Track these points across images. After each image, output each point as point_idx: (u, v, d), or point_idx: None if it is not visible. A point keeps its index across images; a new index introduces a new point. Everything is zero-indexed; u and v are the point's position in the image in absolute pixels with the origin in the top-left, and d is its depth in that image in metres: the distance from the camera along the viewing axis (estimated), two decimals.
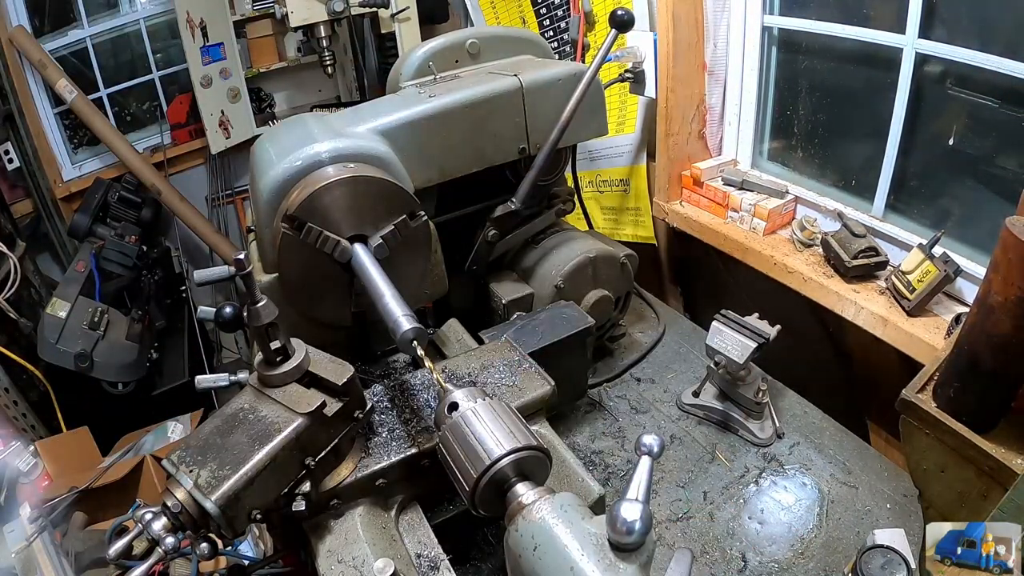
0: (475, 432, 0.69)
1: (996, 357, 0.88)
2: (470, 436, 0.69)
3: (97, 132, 3.12)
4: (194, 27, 3.04)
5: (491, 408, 0.72)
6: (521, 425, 0.71)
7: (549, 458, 0.70)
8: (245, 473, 0.75)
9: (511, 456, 0.66)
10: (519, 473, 0.67)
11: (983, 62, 1.38)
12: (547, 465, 0.70)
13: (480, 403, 0.73)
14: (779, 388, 1.56)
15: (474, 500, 0.66)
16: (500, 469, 0.65)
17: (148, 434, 2.29)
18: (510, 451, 0.66)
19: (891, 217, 1.71)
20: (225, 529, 0.74)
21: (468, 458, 0.67)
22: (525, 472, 0.68)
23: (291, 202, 1.13)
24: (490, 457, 0.66)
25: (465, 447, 0.68)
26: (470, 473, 0.66)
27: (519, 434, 0.68)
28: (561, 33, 2.40)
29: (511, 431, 0.69)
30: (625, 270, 1.60)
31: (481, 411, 0.71)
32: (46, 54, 2.98)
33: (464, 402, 0.74)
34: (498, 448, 0.66)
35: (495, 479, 0.66)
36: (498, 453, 0.66)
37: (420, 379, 1.06)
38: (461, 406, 0.73)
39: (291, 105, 3.75)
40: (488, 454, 0.66)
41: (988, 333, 0.87)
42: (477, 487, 0.66)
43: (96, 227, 3.05)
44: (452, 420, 0.72)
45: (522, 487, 0.66)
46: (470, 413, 0.71)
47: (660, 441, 0.62)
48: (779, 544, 1.22)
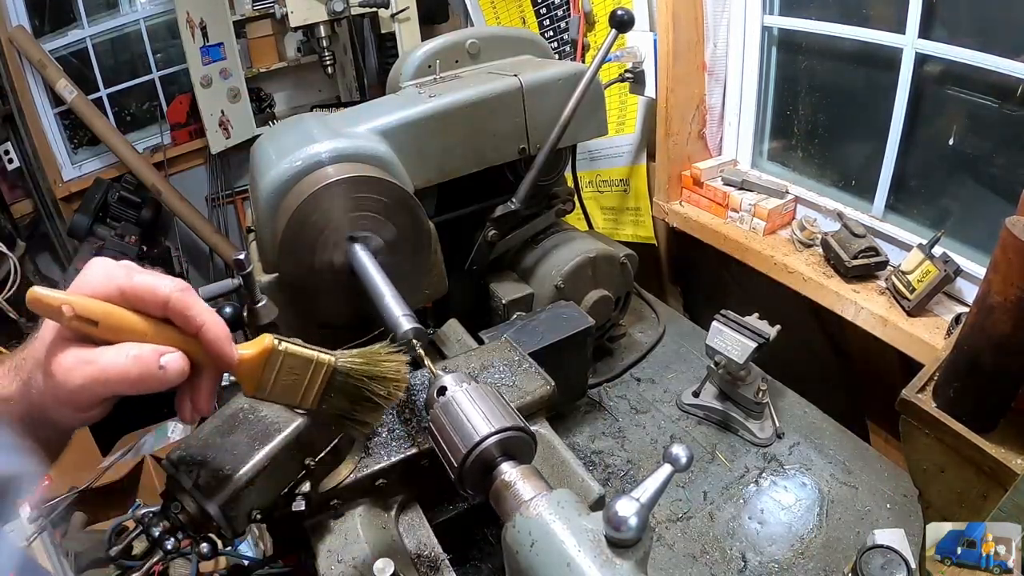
0: (464, 412, 0.71)
1: (996, 357, 0.88)
2: (459, 415, 0.71)
3: (97, 132, 3.12)
4: (194, 27, 3.04)
5: (478, 390, 0.74)
6: (508, 407, 0.73)
7: (534, 439, 0.72)
8: (245, 473, 0.75)
9: (497, 435, 0.68)
10: (504, 452, 0.69)
11: (983, 62, 1.38)
12: (532, 446, 0.71)
13: (467, 386, 0.75)
14: (779, 388, 1.56)
15: (461, 477, 0.68)
16: (487, 448, 0.68)
17: (148, 434, 2.30)
18: (497, 430, 0.68)
19: (891, 217, 1.71)
20: (225, 529, 0.74)
21: (457, 436, 0.69)
22: (510, 452, 0.69)
23: (291, 202, 1.14)
24: (479, 434, 0.68)
25: (455, 425, 0.70)
26: (459, 450, 0.68)
27: (505, 415, 0.70)
28: (561, 33, 2.40)
29: (498, 412, 0.71)
30: (625, 270, 1.60)
31: (469, 393, 0.73)
32: (46, 54, 2.98)
33: (452, 385, 0.75)
34: (486, 426, 0.69)
35: (481, 457, 0.68)
36: (485, 431, 0.68)
37: (420, 379, 1.06)
38: (449, 389, 0.75)
39: (291, 105, 3.75)
40: (476, 432, 0.68)
41: (988, 333, 0.87)
42: (465, 464, 0.68)
43: (96, 227, 3.05)
44: (441, 402, 0.74)
45: (506, 466, 0.68)
46: (459, 395, 0.73)
47: (689, 454, 0.62)
48: (779, 544, 1.22)
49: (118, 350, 0.52)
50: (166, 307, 0.55)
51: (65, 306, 0.51)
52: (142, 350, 0.53)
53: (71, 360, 0.52)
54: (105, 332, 0.53)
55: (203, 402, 0.59)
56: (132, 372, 0.52)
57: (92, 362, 0.52)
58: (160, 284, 0.55)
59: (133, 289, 0.54)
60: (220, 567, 1.42)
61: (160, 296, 0.54)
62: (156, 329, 0.55)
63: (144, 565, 0.75)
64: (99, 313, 0.52)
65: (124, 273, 0.55)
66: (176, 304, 0.55)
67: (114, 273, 0.55)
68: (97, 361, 0.52)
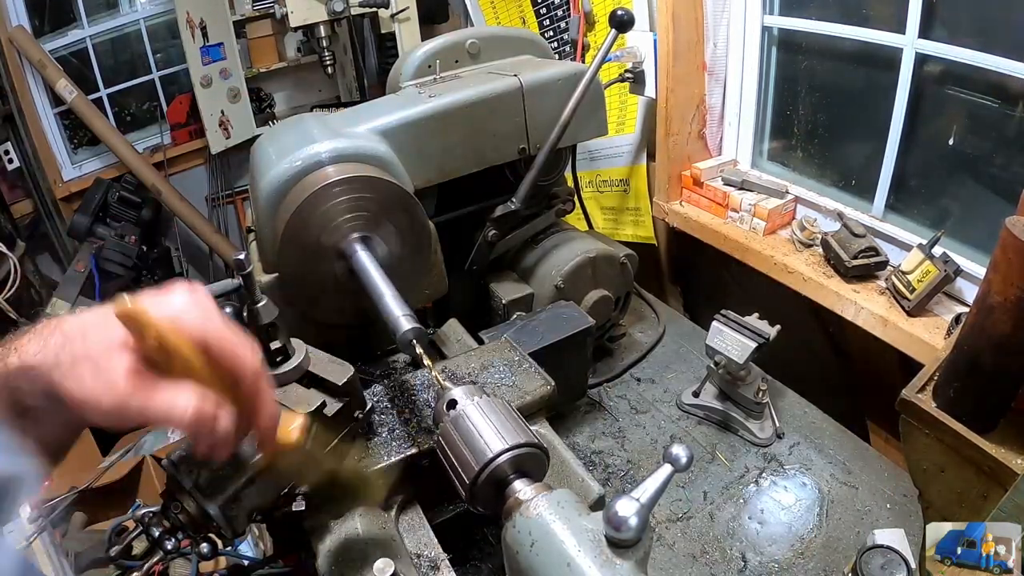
0: (476, 427, 0.69)
1: (996, 357, 0.88)
2: (471, 431, 0.69)
3: (97, 132, 3.12)
4: (194, 27, 3.04)
5: (490, 404, 0.73)
6: (520, 422, 0.71)
7: (547, 456, 0.70)
8: (245, 473, 0.75)
9: (511, 452, 0.66)
10: (517, 470, 0.67)
11: (983, 62, 1.38)
12: (545, 463, 0.70)
13: (478, 400, 0.73)
14: (779, 388, 1.56)
15: (473, 495, 0.67)
16: (499, 465, 0.66)
17: (148, 434, 2.29)
18: (511, 447, 0.67)
19: (891, 217, 1.71)
20: (225, 529, 0.74)
21: (468, 452, 0.68)
22: (523, 469, 0.68)
23: (291, 202, 1.14)
24: (491, 451, 0.66)
25: (466, 441, 0.69)
26: (471, 467, 0.67)
27: (519, 431, 0.69)
28: (561, 33, 2.40)
29: (511, 428, 0.69)
30: (625, 270, 1.60)
31: (481, 407, 0.72)
32: (46, 54, 2.98)
33: (463, 399, 0.74)
34: (499, 443, 0.67)
35: (494, 474, 0.66)
36: (499, 447, 0.66)
37: (420, 379, 1.06)
38: (460, 403, 0.74)
39: (291, 105, 3.75)
40: (489, 448, 0.67)
41: (988, 333, 0.87)
42: (476, 482, 0.66)
43: (96, 227, 3.05)
44: (451, 416, 0.72)
45: (520, 483, 0.66)
46: (470, 409, 0.72)
47: (689, 454, 0.61)
48: (779, 544, 1.22)
49: (182, 394, 0.51)
50: (237, 380, 0.55)
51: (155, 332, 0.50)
52: (204, 407, 0.52)
53: (139, 381, 0.51)
54: (173, 368, 0.52)
55: (225, 453, 0.58)
56: (189, 420, 0.51)
57: (159, 394, 0.51)
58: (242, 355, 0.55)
59: (219, 348, 0.53)
60: (220, 567, 1.42)
61: (237, 370, 0.55)
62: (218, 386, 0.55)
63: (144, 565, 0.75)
64: (179, 352, 0.52)
65: (213, 325, 0.54)
66: (249, 388, 0.56)
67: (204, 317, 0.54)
68: (164, 396, 0.51)
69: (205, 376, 0.53)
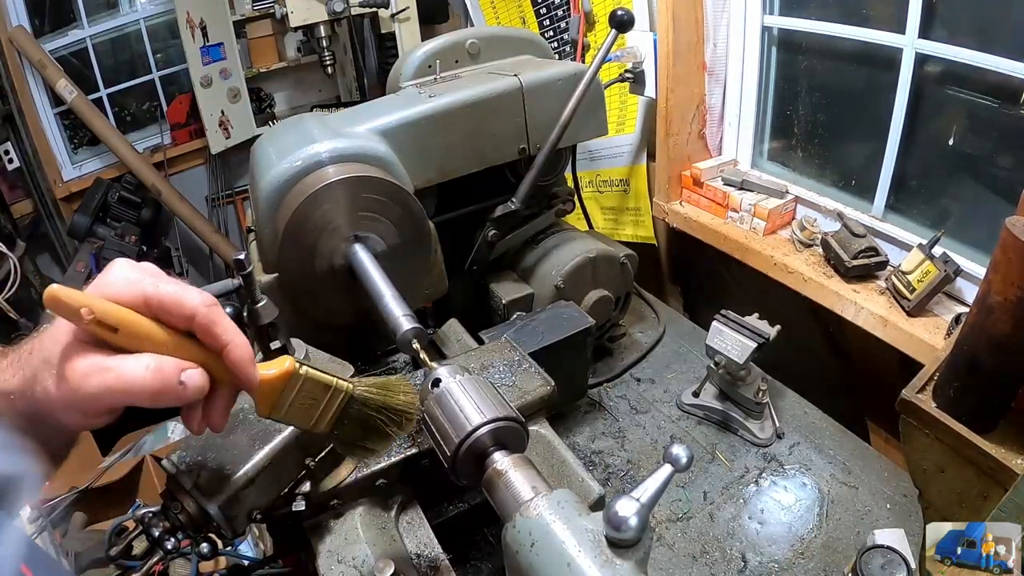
0: (457, 403, 0.72)
1: (996, 357, 0.88)
2: (452, 407, 0.72)
3: (97, 132, 3.12)
4: (194, 27, 3.04)
5: (471, 382, 0.75)
6: (500, 398, 0.74)
7: (526, 429, 0.73)
8: (245, 473, 0.75)
9: (490, 425, 0.69)
10: (497, 442, 0.70)
11: (983, 62, 1.38)
12: (523, 435, 0.73)
13: (460, 378, 0.75)
14: (779, 388, 1.56)
15: (455, 466, 0.70)
16: (479, 437, 0.69)
17: (148, 434, 2.29)
18: (489, 420, 0.69)
19: (891, 217, 1.71)
20: (225, 529, 0.74)
21: (450, 426, 0.71)
22: (502, 441, 0.71)
23: (291, 202, 1.14)
24: (471, 424, 0.69)
25: (448, 416, 0.71)
26: (452, 440, 0.69)
27: (497, 405, 0.72)
28: (561, 33, 2.40)
29: (491, 403, 0.72)
30: (625, 270, 1.60)
31: (463, 384, 0.74)
32: (46, 54, 2.98)
33: (447, 378, 0.76)
34: (478, 416, 0.70)
35: (474, 447, 0.69)
36: (478, 421, 0.69)
37: (420, 379, 1.06)
38: (444, 381, 0.75)
39: (291, 105, 3.75)
40: (469, 422, 0.69)
41: (988, 333, 0.87)
42: (458, 453, 0.69)
43: (96, 227, 3.05)
44: (435, 393, 0.74)
45: (499, 455, 0.69)
46: (452, 386, 0.74)
47: (689, 454, 0.62)
48: (779, 544, 1.22)
49: (137, 360, 0.50)
50: (191, 321, 0.53)
51: (84, 309, 0.49)
52: (163, 363, 0.51)
53: (87, 365, 0.50)
54: (124, 340, 0.51)
55: (217, 419, 0.58)
56: (151, 385, 0.50)
57: (110, 370, 0.50)
58: (187, 296, 0.53)
59: (159, 298, 0.52)
60: (220, 567, 1.42)
61: (186, 309, 0.53)
62: (177, 342, 0.53)
63: (144, 565, 0.75)
64: (120, 320, 0.51)
65: (150, 280, 0.53)
66: (203, 320, 0.53)
67: (139, 279, 0.53)
68: (115, 370, 0.50)
69: (162, 338, 0.53)
